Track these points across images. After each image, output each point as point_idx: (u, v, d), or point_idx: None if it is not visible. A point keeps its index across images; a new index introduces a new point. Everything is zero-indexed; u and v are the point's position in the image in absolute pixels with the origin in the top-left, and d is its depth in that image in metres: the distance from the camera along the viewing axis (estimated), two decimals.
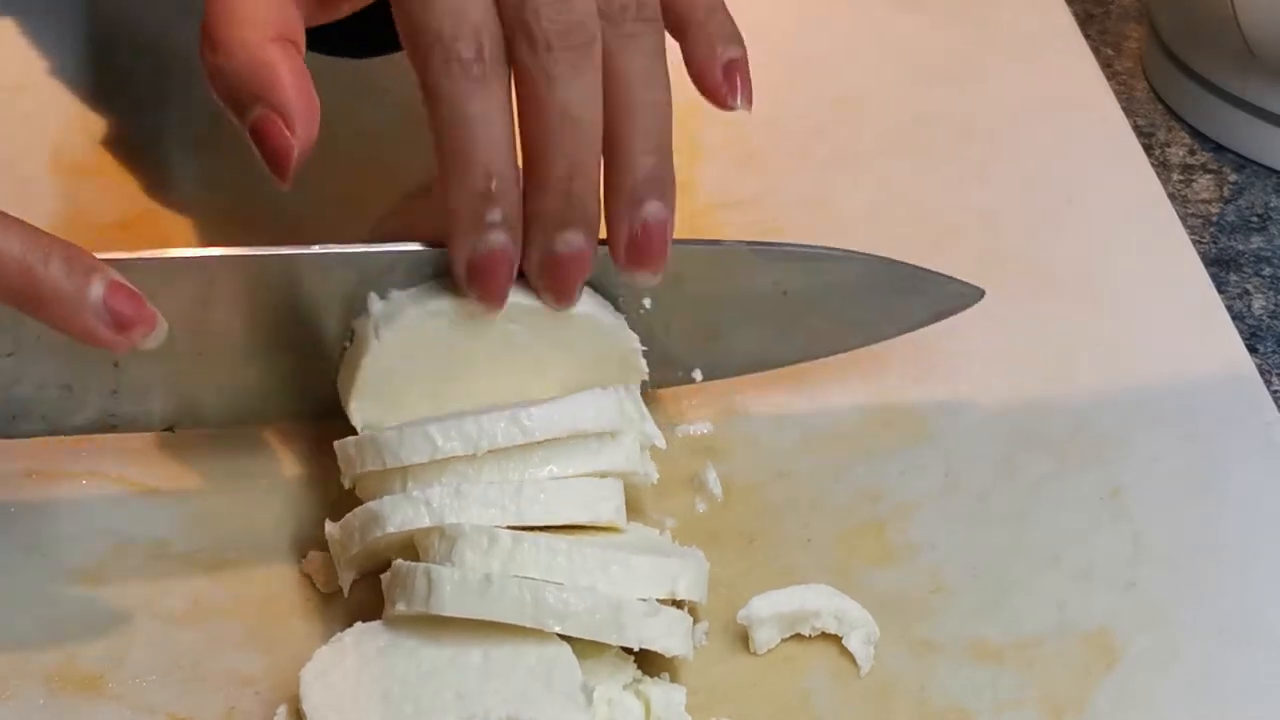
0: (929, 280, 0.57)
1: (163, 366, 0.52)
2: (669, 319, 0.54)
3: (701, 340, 0.56)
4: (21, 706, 0.49)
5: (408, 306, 0.51)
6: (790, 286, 0.55)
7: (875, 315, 0.57)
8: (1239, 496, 0.55)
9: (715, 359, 0.56)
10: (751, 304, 0.55)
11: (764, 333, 0.56)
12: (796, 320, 0.56)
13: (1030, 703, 0.49)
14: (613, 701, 0.47)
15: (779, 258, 0.55)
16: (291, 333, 0.52)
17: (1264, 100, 0.71)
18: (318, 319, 0.52)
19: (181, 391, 0.53)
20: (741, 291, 0.55)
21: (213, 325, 0.52)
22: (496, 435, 0.49)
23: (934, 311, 0.57)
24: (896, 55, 0.75)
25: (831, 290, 0.56)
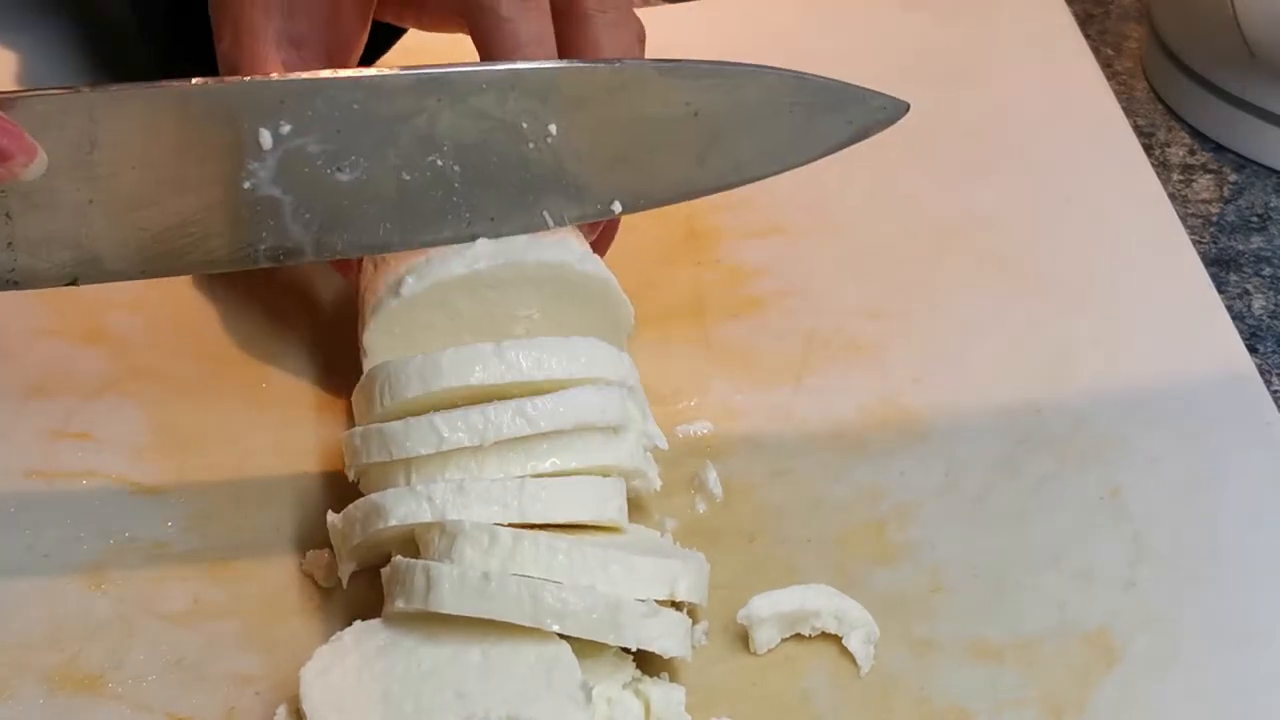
0: (848, 94, 0.55)
1: (55, 216, 0.50)
2: (577, 147, 0.53)
3: (615, 168, 0.54)
4: (21, 706, 0.49)
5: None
6: (701, 107, 0.53)
7: (795, 135, 0.55)
8: (1239, 496, 0.55)
9: (633, 188, 0.54)
10: (662, 127, 0.53)
11: (680, 158, 0.54)
12: (713, 143, 0.54)
13: (1030, 703, 0.49)
14: (612, 700, 0.47)
15: (685, 75, 0.53)
16: (185, 173, 0.51)
17: (1264, 100, 0.71)
18: (209, 156, 0.51)
19: (79, 243, 0.51)
20: (650, 114, 0.53)
21: (101, 169, 0.50)
22: (502, 426, 0.49)
23: (857, 128, 0.56)
24: (897, 55, 0.75)
25: (745, 109, 0.54)
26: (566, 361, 0.51)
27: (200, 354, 0.60)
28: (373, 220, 0.52)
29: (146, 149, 0.50)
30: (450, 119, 0.51)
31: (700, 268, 0.64)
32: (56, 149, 0.49)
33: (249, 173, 0.51)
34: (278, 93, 0.50)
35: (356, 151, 0.51)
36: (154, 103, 0.50)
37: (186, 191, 0.51)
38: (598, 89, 0.52)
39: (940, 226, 0.66)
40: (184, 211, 0.51)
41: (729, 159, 0.54)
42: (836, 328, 0.61)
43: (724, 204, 0.67)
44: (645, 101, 0.53)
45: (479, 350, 0.50)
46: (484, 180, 0.52)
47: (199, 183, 0.51)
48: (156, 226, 0.51)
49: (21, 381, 0.59)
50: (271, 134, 0.50)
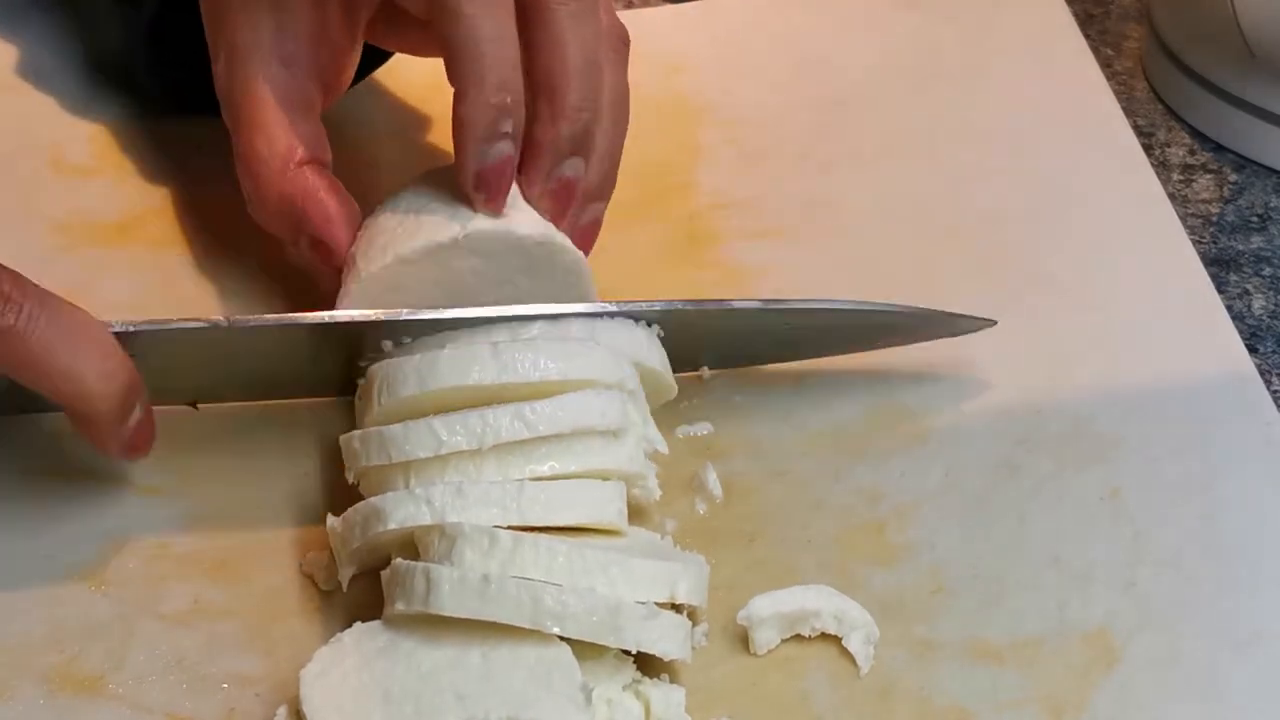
0: (940, 319, 0.58)
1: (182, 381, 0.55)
2: (679, 348, 0.56)
3: (711, 360, 0.58)
4: (21, 706, 0.49)
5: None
6: (797, 325, 0.57)
7: (882, 342, 0.59)
8: (1239, 496, 0.55)
9: (719, 363, 0.58)
10: (760, 335, 0.57)
11: (772, 347, 0.58)
12: (804, 341, 0.58)
13: (1030, 703, 0.49)
14: (612, 702, 0.47)
15: (789, 313, 0.57)
16: (301, 372, 0.56)
17: (1264, 100, 0.71)
18: (318, 375, 0.56)
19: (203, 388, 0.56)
20: (751, 328, 0.57)
21: (238, 378, 0.56)
22: (501, 430, 0.49)
23: (941, 334, 0.59)
24: (897, 55, 0.75)
25: (837, 331, 0.58)
26: (564, 363, 0.51)
27: None
28: None
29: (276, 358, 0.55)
30: None
31: (700, 268, 0.64)
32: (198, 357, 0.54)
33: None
34: (401, 327, 0.54)
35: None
36: (268, 333, 0.54)
37: (305, 382, 0.57)
38: (709, 320, 0.56)
39: (940, 226, 0.66)
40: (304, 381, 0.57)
41: (817, 349, 0.59)
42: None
43: (724, 204, 0.67)
44: (747, 324, 0.57)
45: (476, 351, 0.50)
46: None
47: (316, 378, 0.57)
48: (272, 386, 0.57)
49: None
50: (393, 343, 0.54)
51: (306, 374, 0.56)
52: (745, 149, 0.70)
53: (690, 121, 0.71)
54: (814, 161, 0.70)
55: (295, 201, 0.56)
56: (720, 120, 0.71)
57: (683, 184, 0.68)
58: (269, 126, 0.56)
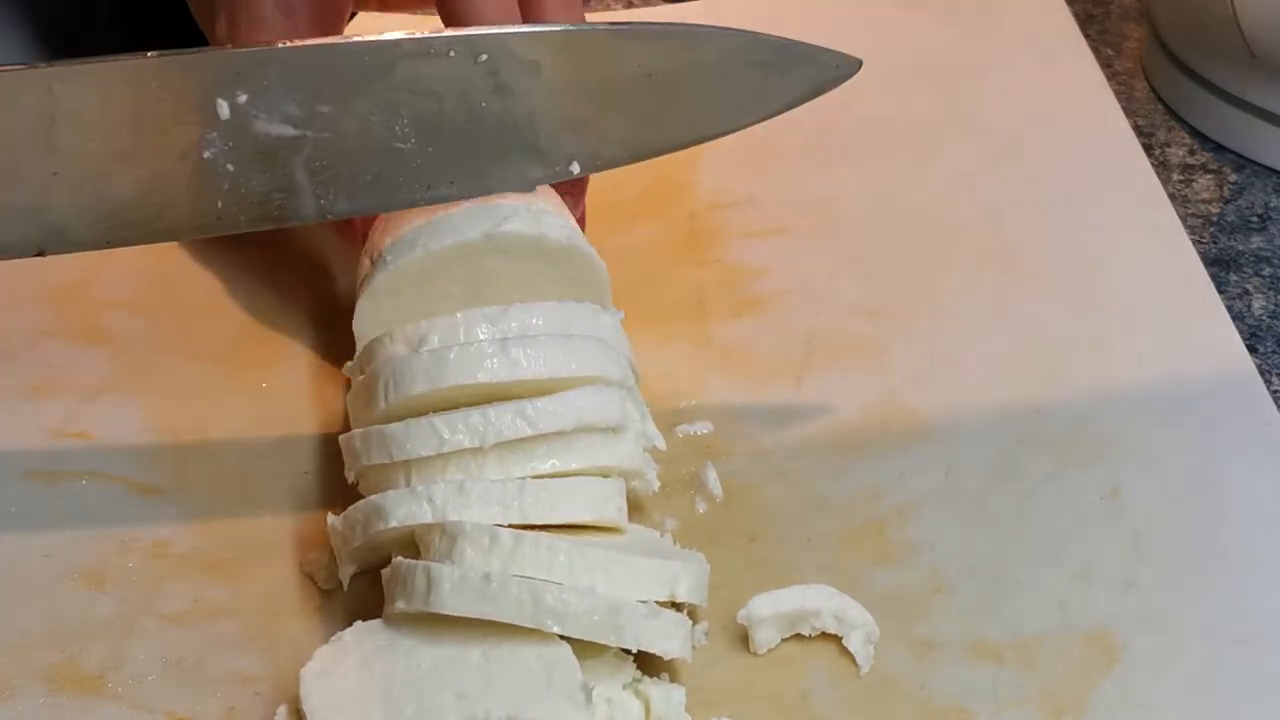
0: (801, 52, 0.55)
1: (18, 189, 0.51)
2: (531, 110, 0.53)
3: (570, 130, 0.54)
4: (21, 706, 0.49)
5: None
6: (655, 69, 0.54)
7: (749, 93, 0.55)
8: (1239, 496, 0.55)
9: (589, 149, 0.55)
10: (617, 89, 0.54)
11: (635, 118, 0.55)
12: (667, 104, 0.54)
13: (1030, 703, 0.49)
14: (612, 701, 0.47)
15: (638, 38, 0.53)
16: (143, 145, 0.51)
17: (1264, 100, 0.71)
18: (167, 128, 0.51)
19: (44, 215, 0.52)
20: (604, 77, 0.54)
21: (61, 142, 0.51)
22: (502, 428, 0.49)
23: (811, 85, 0.56)
24: (897, 54, 0.75)
25: (699, 70, 0.54)
26: (569, 360, 0.51)
27: (200, 354, 0.60)
28: (331, 186, 0.52)
29: (106, 122, 0.50)
30: (405, 85, 0.52)
31: (701, 267, 0.64)
32: (16, 123, 0.49)
33: (207, 143, 0.51)
34: (233, 64, 0.50)
35: (313, 120, 0.51)
36: (112, 76, 0.50)
37: (145, 163, 0.51)
38: (550, 50, 0.53)
39: (940, 226, 0.66)
40: (144, 182, 0.51)
41: (684, 119, 0.55)
42: (836, 328, 0.61)
43: (724, 204, 0.67)
44: (599, 64, 0.53)
45: (484, 349, 0.50)
46: (441, 145, 0.53)
47: (157, 154, 0.51)
48: (118, 197, 0.51)
49: (21, 381, 0.59)
50: (229, 105, 0.51)
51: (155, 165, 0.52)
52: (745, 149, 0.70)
53: None
54: (814, 161, 0.70)
55: None
56: None
57: (683, 183, 0.68)
58: None
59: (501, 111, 0.53)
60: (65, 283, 0.63)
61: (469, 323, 0.51)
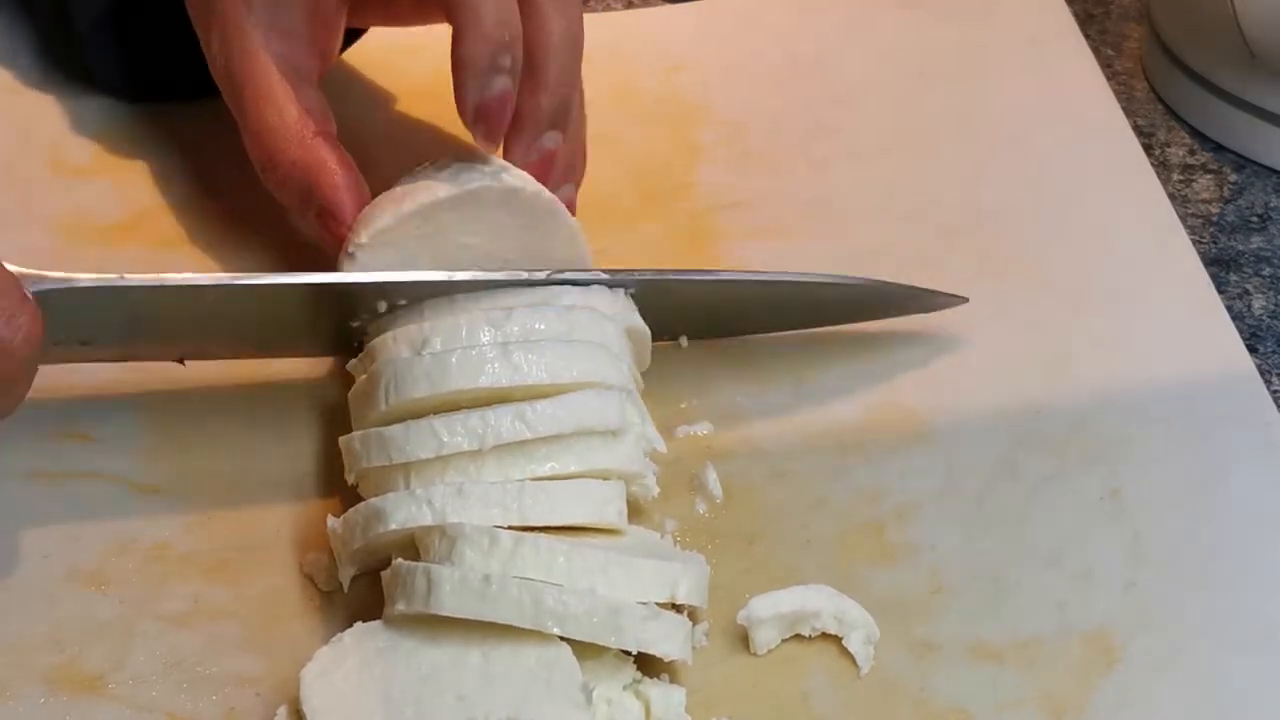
0: (916, 295, 0.59)
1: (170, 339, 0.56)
2: (666, 320, 0.57)
3: (688, 323, 0.59)
4: (21, 706, 0.49)
5: None
6: (775, 298, 0.58)
7: (864, 312, 0.60)
8: (1239, 496, 0.55)
9: (700, 332, 0.59)
10: (743, 303, 0.58)
11: (754, 316, 0.59)
12: (787, 311, 0.59)
13: (1030, 703, 0.49)
14: (612, 702, 0.47)
15: (779, 285, 0.58)
16: (287, 335, 0.56)
17: (1264, 100, 0.71)
18: (307, 337, 0.57)
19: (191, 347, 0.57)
20: (732, 299, 0.58)
21: (209, 326, 0.55)
22: (502, 431, 0.49)
23: (915, 309, 0.60)
24: (896, 54, 0.75)
25: (823, 307, 0.59)
26: (571, 365, 0.51)
27: None
28: None
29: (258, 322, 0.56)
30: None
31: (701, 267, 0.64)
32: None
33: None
34: (379, 289, 0.54)
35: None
36: (254, 293, 0.54)
37: (293, 342, 0.58)
38: (695, 294, 0.58)
39: (940, 226, 0.66)
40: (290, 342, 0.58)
41: (800, 321, 0.60)
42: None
43: (724, 204, 0.67)
44: (734, 298, 0.58)
45: (485, 353, 0.50)
46: None
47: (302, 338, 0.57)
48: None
49: None
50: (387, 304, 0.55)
51: (296, 335, 0.57)
52: (745, 149, 0.70)
53: (690, 121, 0.71)
54: (814, 161, 0.70)
55: (306, 172, 0.56)
56: (720, 120, 0.71)
57: (683, 184, 0.68)
58: (277, 98, 0.57)
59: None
60: None
61: (471, 326, 0.52)
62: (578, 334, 0.52)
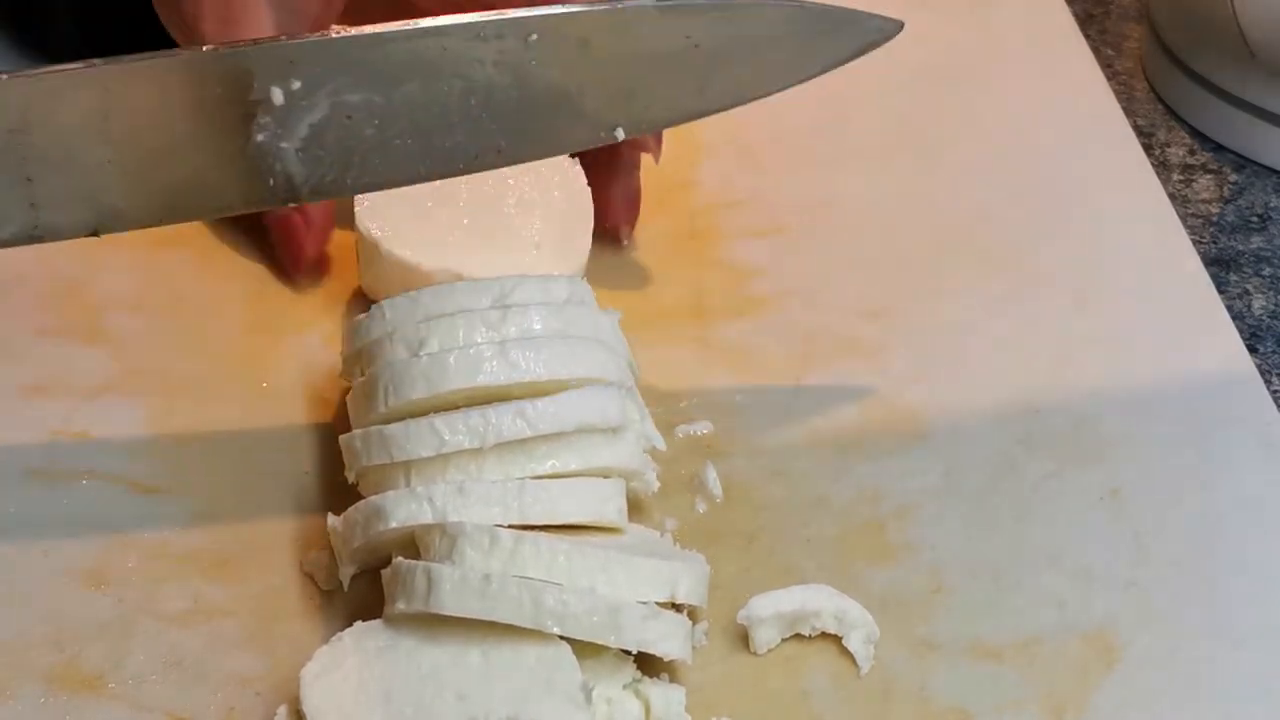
0: (844, 16, 0.56)
1: (75, 176, 0.52)
2: (580, 83, 0.54)
3: (616, 98, 0.55)
4: (21, 706, 0.49)
5: None
6: (701, 40, 0.55)
7: (792, 58, 0.56)
8: (1239, 496, 0.55)
9: (633, 115, 0.56)
10: (663, 60, 0.55)
11: (680, 86, 0.56)
12: (712, 71, 0.55)
13: (1030, 703, 0.49)
14: (612, 701, 0.47)
15: (685, 13, 0.54)
16: (199, 132, 0.52)
17: (1264, 100, 0.71)
18: (219, 116, 0.52)
19: (99, 198, 0.53)
20: (650, 49, 0.55)
21: (116, 134, 0.52)
22: (502, 429, 0.49)
23: (853, 48, 0.57)
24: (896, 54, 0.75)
25: (745, 39, 0.55)
26: (569, 361, 0.51)
27: (200, 354, 0.60)
28: (380, 160, 0.53)
29: (160, 114, 0.51)
30: (454, 66, 0.52)
31: (700, 267, 0.64)
32: (73, 117, 0.50)
33: (261, 127, 0.52)
34: (288, 54, 0.51)
35: (365, 104, 0.52)
36: (164, 71, 0.51)
37: (201, 150, 0.52)
38: (599, 29, 0.53)
39: (940, 226, 0.66)
40: (199, 166, 0.53)
41: (728, 84, 0.56)
42: (836, 328, 0.61)
43: (724, 203, 0.67)
44: (645, 38, 0.54)
45: (483, 352, 0.50)
46: (489, 116, 0.53)
47: (213, 141, 0.52)
48: (173, 180, 0.53)
49: (21, 381, 0.59)
50: (283, 91, 0.52)
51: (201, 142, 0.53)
52: (746, 148, 0.70)
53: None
54: (814, 161, 0.70)
55: None
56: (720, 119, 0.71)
57: (684, 183, 0.68)
58: None
59: (549, 84, 0.53)
60: (65, 283, 0.63)
61: (468, 325, 0.52)
62: (574, 330, 0.52)
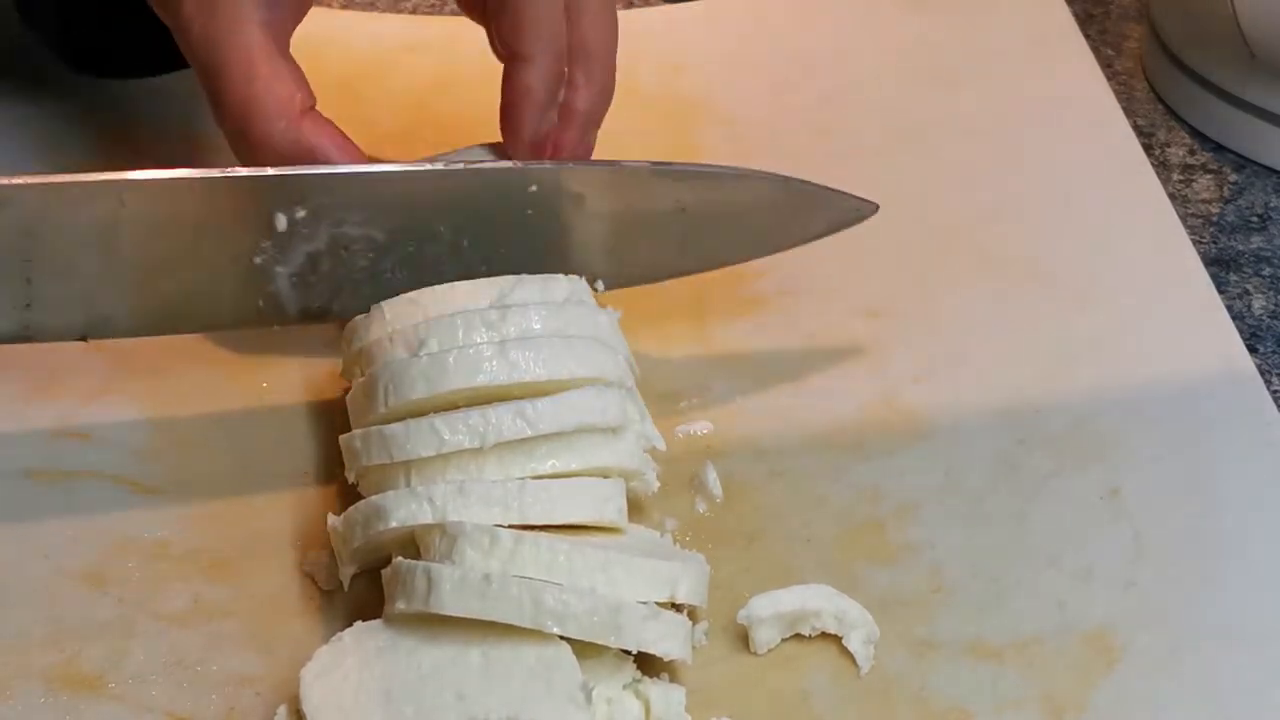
0: (824, 197, 0.58)
1: (74, 282, 0.53)
2: (569, 235, 0.56)
3: (603, 253, 0.57)
4: (21, 706, 0.49)
5: None
6: (689, 204, 0.57)
7: (772, 229, 0.58)
8: (1239, 496, 0.55)
9: (616, 271, 0.57)
10: (651, 220, 0.57)
11: (664, 247, 0.58)
12: (695, 236, 0.57)
13: (1030, 703, 0.49)
14: (612, 701, 0.47)
15: (679, 177, 0.56)
16: (198, 250, 0.53)
17: (1264, 100, 0.71)
18: (223, 237, 0.53)
19: (93, 305, 0.53)
20: (640, 209, 0.57)
21: (122, 244, 0.53)
22: (503, 428, 0.49)
23: (829, 225, 0.59)
24: (897, 55, 0.75)
25: (730, 207, 0.57)
26: (568, 361, 0.51)
27: (200, 354, 0.60)
28: (370, 291, 0.54)
29: (167, 228, 0.53)
30: (455, 208, 0.54)
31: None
32: (84, 225, 0.52)
33: (260, 250, 0.53)
34: (297, 182, 0.53)
35: (363, 237, 0.54)
36: (180, 189, 0.52)
37: (200, 267, 0.54)
38: (595, 186, 0.56)
39: (940, 226, 0.66)
40: (195, 282, 0.54)
41: (708, 249, 0.58)
42: (836, 328, 0.61)
43: None
44: (638, 198, 0.56)
45: (482, 352, 0.50)
46: (480, 258, 0.55)
47: (213, 260, 0.54)
48: (167, 294, 0.54)
49: (21, 381, 0.59)
50: (287, 218, 0.53)
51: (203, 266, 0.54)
52: (745, 149, 0.70)
53: (690, 121, 0.71)
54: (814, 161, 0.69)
55: (300, 152, 0.54)
56: (720, 120, 0.71)
57: None
58: (266, 74, 0.54)
59: (540, 233, 0.55)
60: None
61: (468, 325, 0.52)
62: (573, 329, 0.52)
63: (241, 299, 0.54)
